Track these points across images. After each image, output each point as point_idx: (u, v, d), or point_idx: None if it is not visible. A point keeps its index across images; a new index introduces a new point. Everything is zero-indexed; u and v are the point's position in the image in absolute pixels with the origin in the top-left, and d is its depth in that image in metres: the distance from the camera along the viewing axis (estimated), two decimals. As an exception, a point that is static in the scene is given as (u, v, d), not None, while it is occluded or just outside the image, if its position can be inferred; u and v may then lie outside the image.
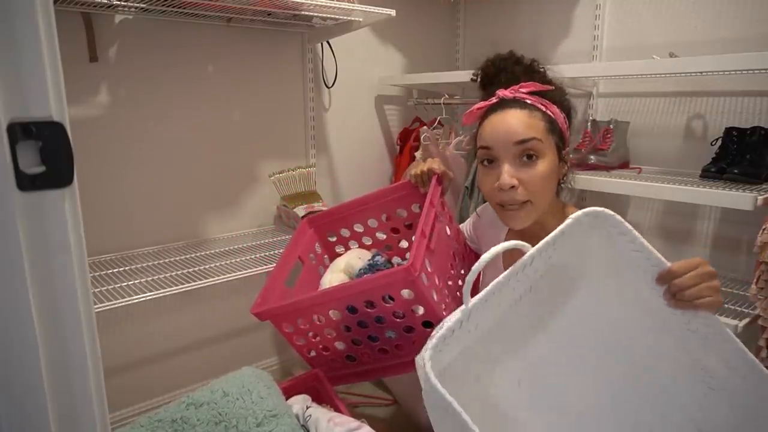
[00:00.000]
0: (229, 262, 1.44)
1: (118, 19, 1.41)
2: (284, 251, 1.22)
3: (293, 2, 1.37)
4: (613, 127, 1.60)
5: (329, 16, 1.56)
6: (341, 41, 1.79)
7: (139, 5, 1.33)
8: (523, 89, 0.98)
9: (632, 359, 0.79)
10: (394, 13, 1.54)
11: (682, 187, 1.27)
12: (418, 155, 1.86)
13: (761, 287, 1.18)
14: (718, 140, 1.42)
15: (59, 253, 0.44)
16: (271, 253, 1.52)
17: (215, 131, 1.63)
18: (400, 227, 1.26)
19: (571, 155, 1.05)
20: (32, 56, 0.41)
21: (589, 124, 1.64)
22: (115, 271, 1.35)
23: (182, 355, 1.67)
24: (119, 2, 1.30)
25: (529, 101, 0.96)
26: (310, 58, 1.79)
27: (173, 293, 1.25)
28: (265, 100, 1.73)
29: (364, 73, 1.97)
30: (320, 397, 1.09)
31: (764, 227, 1.17)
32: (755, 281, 1.18)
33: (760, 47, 1.39)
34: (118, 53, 1.43)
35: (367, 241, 1.31)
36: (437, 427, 0.68)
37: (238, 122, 1.68)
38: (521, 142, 0.92)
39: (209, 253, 1.52)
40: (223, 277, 1.33)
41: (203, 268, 1.39)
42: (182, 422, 0.90)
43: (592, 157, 1.56)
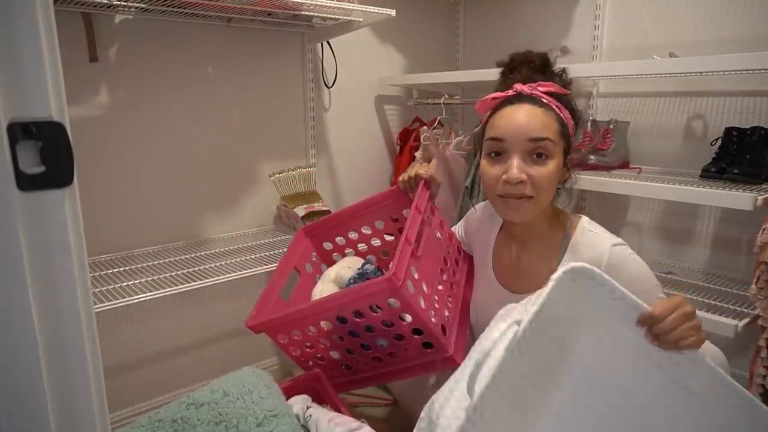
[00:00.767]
0: (229, 262, 1.44)
1: (118, 19, 1.41)
2: (280, 262, 1.22)
3: (293, 2, 1.37)
4: (613, 127, 1.60)
5: (329, 16, 1.56)
6: (341, 41, 1.79)
7: (139, 5, 1.33)
8: (541, 88, 0.98)
9: (631, 404, 0.79)
10: (394, 13, 1.54)
11: (682, 187, 1.27)
12: (418, 155, 1.86)
13: (761, 287, 1.18)
14: (718, 140, 1.42)
15: (59, 253, 0.44)
16: (271, 253, 1.52)
17: (215, 131, 1.63)
18: (394, 232, 1.26)
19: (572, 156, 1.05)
20: (32, 56, 0.41)
21: (589, 124, 1.64)
22: (115, 271, 1.35)
23: (182, 355, 1.67)
24: (119, 2, 1.30)
25: (545, 100, 0.96)
26: (310, 58, 1.79)
27: (173, 293, 1.25)
28: (265, 99, 1.73)
29: (364, 73, 1.97)
30: (320, 397, 1.09)
31: (764, 227, 1.17)
32: (755, 281, 1.18)
33: (760, 47, 1.39)
34: (118, 53, 1.43)
35: (362, 247, 1.31)
36: None
37: (238, 122, 1.68)
38: (535, 139, 0.92)
39: (209, 253, 1.52)
40: (223, 277, 1.33)
41: (203, 268, 1.39)
42: (182, 422, 0.90)
43: (592, 157, 1.56)
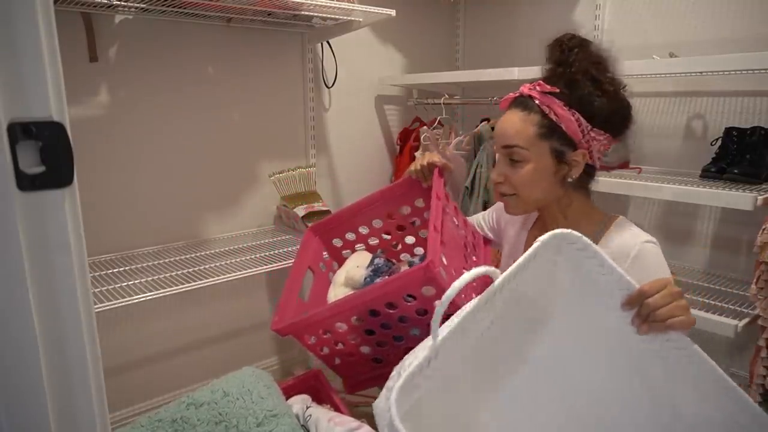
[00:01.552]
0: (229, 262, 1.44)
1: (118, 19, 1.41)
2: (293, 264, 1.21)
3: (293, 2, 1.37)
4: (613, 127, 1.59)
5: (329, 16, 1.56)
6: (341, 41, 1.79)
7: (139, 5, 1.33)
8: (539, 87, 0.99)
9: (596, 395, 0.75)
10: (394, 13, 1.54)
11: (682, 187, 1.27)
12: (418, 155, 1.87)
13: (761, 287, 1.18)
14: (718, 140, 1.42)
15: (59, 253, 0.44)
16: (271, 253, 1.52)
17: (215, 131, 1.63)
18: (405, 224, 1.26)
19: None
20: (32, 56, 0.41)
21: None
22: (115, 271, 1.35)
23: (182, 355, 1.67)
24: (119, 2, 1.30)
25: (537, 101, 0.97)
26: (310, 58, 1.79)
27: (173, 293, 1.25)
28: (265, 99, 1.73)
29: (364, 73, 1.97)
30: (320, 397, 1.09)
31: (764, 227, 1.17)
32: (755, 281, 1.19)
33: (760, 47, 1.39)
34: (118, 53, 1.43)
35: (373, 241, 1.29)
36: None
37: (238, 122, 1.68)
38: (506, 147, 1.00)
39: (209, 253, 1.52)
40: (223, 277, 1.33)
41: (203, 268, 1.39)
42: (182, 422, 0.90)
43: (592, 157, 1.56)
